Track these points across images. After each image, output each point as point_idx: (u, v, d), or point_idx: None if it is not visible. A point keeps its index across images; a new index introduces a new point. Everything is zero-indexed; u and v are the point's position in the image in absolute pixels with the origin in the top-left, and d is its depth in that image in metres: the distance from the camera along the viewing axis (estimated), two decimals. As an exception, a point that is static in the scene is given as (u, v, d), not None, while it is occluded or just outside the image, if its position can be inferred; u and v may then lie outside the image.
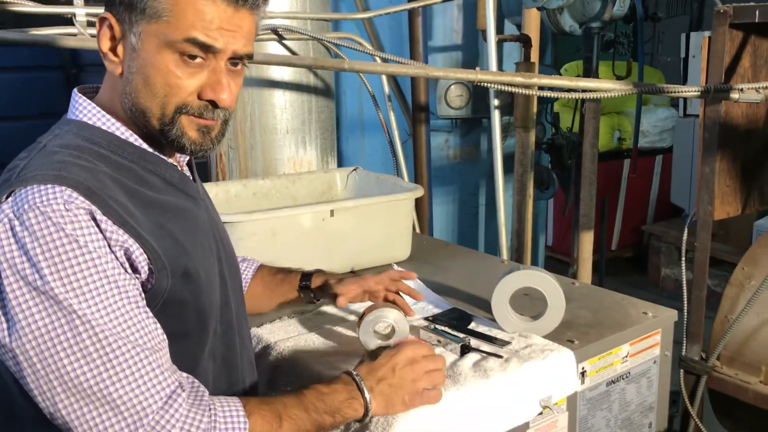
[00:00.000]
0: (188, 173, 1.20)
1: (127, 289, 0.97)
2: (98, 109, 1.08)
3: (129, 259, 0.99)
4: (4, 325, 0.92)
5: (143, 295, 1.01)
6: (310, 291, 1.50)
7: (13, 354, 0.93)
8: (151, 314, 1.00)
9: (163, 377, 0.97)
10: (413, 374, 1.15)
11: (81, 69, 4.06)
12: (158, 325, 1.00)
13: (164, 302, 1.03)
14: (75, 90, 1.12)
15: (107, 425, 0.93)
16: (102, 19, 1.04)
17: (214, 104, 1.06)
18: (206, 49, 1.03)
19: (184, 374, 1.03)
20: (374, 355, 1.19)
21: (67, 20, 2.12)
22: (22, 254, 0.92)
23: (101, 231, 0.95)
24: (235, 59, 1.07)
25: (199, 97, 1.05)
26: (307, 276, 1.51)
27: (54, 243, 0.92)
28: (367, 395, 1.11)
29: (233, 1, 1.02)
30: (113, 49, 1.05)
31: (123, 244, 0.97)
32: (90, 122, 1.08)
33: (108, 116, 1.08)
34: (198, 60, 1.03)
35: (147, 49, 1.02)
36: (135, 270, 1.00)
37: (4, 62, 3.69)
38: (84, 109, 1.08)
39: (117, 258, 0.97)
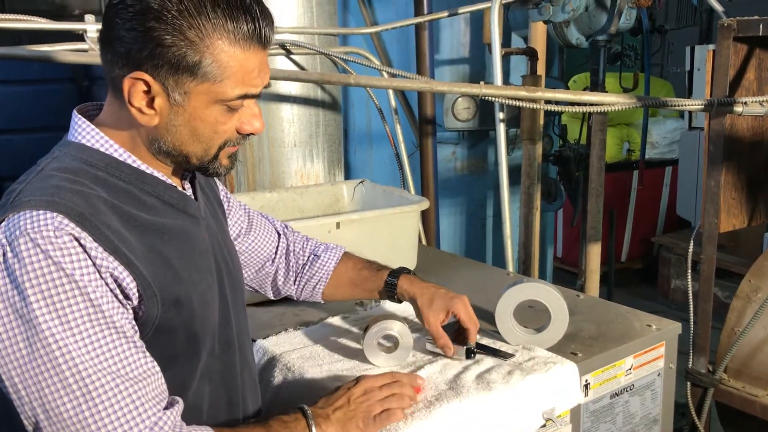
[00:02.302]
0: (190, 191, 1.20)
1: (113, 318, 0.97)
2: (96, 130, 1.08)
3: (119, 286, 0.99)
4: None
5: (134, 323, 1.01)
6: (395, 296, 1.50)
7: (0, 379, 0.95)
8: (138, 343, 1.00)
9: (143, 409, 0.97)
10: (367, 403, 1.19)
11: (93, 82, 4.08)
12: (146, 353, 1.01)
13: (156, 329, 1.04)
14: (74, 111, 1.12)
15: None
16: (134, 80, 1.02)
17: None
18: (251, 97, 1.08)
19: (176, 398, 1.04)
20: (335, 389, 1.24)
21: (79, 36, 2.16)
22: (11, 281, 0.93)
23: (90, 258, 0.96)
24: None
25: (238, 131, 1.11)
26: (393, 276, 1.50)
27: (42, 270, 0.93)
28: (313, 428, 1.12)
29: (262, 45, 1.06)
30: (148, 104, 1.05)
31: (113, 272, 0.98)
32: (88, 144, 1.08)
33: (106, 138, 1.08)
34: (239, 102, 1.08)
35: (195, 105, 1.05)
36: (126, 297, 1.00)
37: (16, 75, 3.71)
38: (83, 131, 1.09)
39: (107, 284, 0.98)
